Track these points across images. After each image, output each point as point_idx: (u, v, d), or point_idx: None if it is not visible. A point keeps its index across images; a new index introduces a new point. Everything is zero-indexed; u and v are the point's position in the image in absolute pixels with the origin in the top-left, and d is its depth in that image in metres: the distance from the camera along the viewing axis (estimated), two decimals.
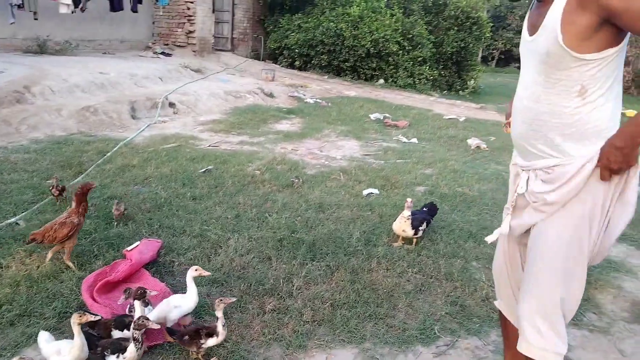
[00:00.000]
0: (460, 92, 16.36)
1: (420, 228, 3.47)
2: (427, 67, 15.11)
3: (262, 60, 15.60)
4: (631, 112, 13.77)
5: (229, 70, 12.27)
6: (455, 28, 16.12)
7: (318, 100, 10.20)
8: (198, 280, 2.89)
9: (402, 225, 3.42)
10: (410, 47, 14.81)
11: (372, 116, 8.86)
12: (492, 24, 18.15)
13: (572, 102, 1.62)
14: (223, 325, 2.15)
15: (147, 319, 2.04)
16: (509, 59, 34.44)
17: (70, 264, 2.83)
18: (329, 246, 3.39)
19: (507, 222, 1.91)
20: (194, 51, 12.82)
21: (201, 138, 6.38)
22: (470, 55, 17.01)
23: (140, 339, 1.99)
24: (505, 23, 32.63)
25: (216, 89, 9.30)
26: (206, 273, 2.47)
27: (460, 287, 3.04)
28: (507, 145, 7.42)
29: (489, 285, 3.04)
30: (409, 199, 3.51)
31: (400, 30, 14.42)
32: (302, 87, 11.71)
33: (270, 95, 10.02)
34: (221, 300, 2.18)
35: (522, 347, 1.78)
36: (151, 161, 5.00)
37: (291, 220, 3.78)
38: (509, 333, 2.07)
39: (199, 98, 8.44)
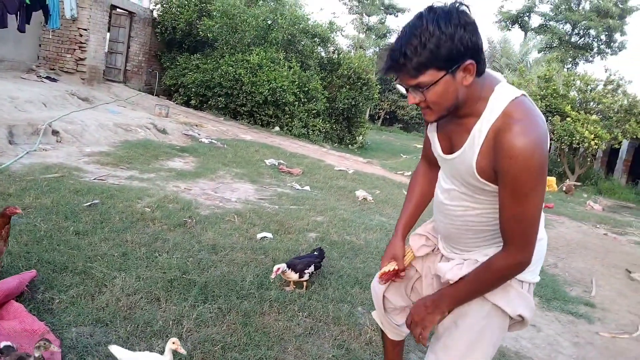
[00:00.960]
0: (350, 145, 17.32)
1: (305, 271, 3.56)
2: (321, 120, 15.87)
3: (156, 95, 15.27)
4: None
5: (119, 102, 11.81)
6: (347, 86, 17.24)
7: (213, 140, 10.17)
8: (80, 320, 2.74)
9: (287, 273, 3.53)
10: (305, 100, 15.47)
11: (268, 161, 9.02)
12: (379, 86, 19.70)
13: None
14: None
15: None
16: (393, 120, 37.27)
17: None
18: (222, 288, 3.38)
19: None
20: (82, 79, 12.19)
21: (87, 170, 6.05)
22: (359, 112, 18.23)
23: None
24: (391, 86, 35.44)
25: (105, 120, 8.89)
26: (182, 351, 2.30)
27: (347, 330, 3.19)
28: (390, 199, 7.99)
29: (372, 330, 3.23)
30: (276, 267, 3.50)
31: (297, 83, 15.05)
32: (197, 126, 11.61)
33: (163, 132, 9.80)
34: None
35: None
36: (30, 191, 4.63)
37: (182, 261, 3.71)
38: (386, 343, 2.24)
39: (86, 128, 8.01)
